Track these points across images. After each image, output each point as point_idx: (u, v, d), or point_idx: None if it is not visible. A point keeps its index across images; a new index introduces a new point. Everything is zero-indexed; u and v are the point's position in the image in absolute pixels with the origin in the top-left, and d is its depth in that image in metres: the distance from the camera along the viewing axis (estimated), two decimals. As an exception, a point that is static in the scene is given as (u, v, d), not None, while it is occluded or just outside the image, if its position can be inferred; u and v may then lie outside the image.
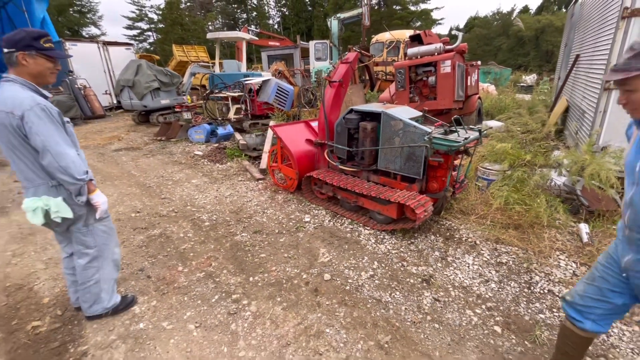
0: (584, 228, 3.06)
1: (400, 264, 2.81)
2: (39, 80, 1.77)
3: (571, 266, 2.70)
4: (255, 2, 48.07)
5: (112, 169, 5.66)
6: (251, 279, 2.67)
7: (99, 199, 1.97)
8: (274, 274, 2.72)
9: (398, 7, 33.37)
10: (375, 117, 3.63)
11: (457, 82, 5.78)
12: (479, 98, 6.77)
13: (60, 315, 2.30)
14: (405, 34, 14.55)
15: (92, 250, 2.07)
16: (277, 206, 4.00)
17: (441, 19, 39.90)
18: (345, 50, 14.14)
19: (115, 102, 12.87)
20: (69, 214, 1.86)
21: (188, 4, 44.98)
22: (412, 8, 33.03)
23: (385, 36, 14.48)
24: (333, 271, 2.72)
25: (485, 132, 3.40)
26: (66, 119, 1.87)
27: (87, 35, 35.55)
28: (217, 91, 7.84)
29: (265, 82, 7.76)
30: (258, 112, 7.68)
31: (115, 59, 12.59)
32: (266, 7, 49.22)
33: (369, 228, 3.42)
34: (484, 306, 2.32)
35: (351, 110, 3.72)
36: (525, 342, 2.01)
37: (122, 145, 7.31)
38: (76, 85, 10.56)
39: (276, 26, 46.45)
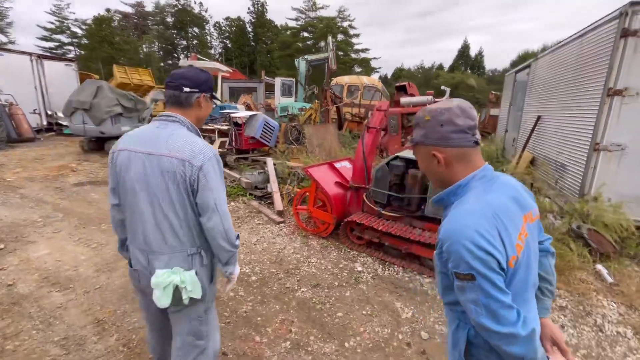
0: (603, 269, 3.54)
1: (479, 314, 2.83)
2: None
3: (613, 306, 3.06)
4: (196, 31, 47.30)
5: (87, 209, 4.68)
6: (346, 344, 2.40)
7: (238, 270, 1.60)
8: (367, 337, 2.49)
9: (341, 53, 36.38)
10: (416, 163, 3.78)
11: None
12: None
13: None
14: (363, 79, 15.85)
15: (203, 341, 1.59)
16: (318, 254, 3.75)
17: (379, 68, 44.49)
18: (311, 88, 14.67)
19: (45, 123, 10.94)
20: (198, 293, 1.42)
21: (121, 22, 42.10)
22: (354, 55, 36.28)
23: (345, 79, 15.54)
24: (424, 327, 2.61)
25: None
26: None
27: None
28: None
29: (252, 116, 7.51)
30: (244, 147, 7.32)
31: (51, 75, 10.90)
32: (208, 37, 48.77)
33: (425, 276, 3.41)
34: (578, 354, 2.45)
35: (396, 157, 3.81)
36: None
37: (81, 179, 6.14)
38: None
39: (217, 57, 46.08)
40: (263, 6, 47.47)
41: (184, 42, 46.68)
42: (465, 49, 48.79)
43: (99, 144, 8.43)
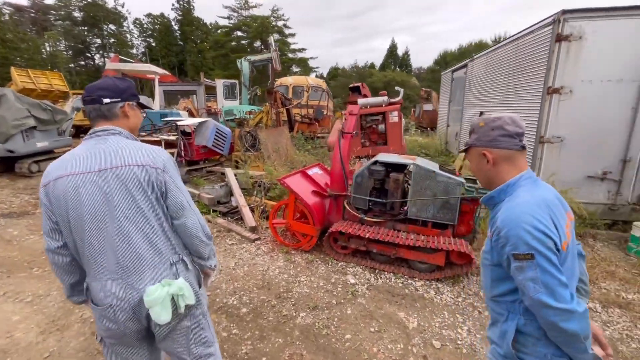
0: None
1: (476, 312, 2.91)
2: None
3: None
4: (113, 29, 42.41)
5: (7, 251, 3.75)
6: (365, 370, 2.24)
7: (217, 261, 1.58)
8: (382, 356, 2.37)
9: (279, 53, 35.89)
10: (398, 167, 3.79)
11: (402, 129, 6.65)
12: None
13: None
14: (308, 80, 15.77)
15: (213, 348, 1.51)
16: (305, 271, 3.52)
17: (317, 67, 44.87)
18: (255, 90, 14.09)
19: None
20: (192, 298, 1.33)
21: (13, 17, 35.80)
22: (291, 55, 36.07)
23: (289, 80, 15.30)
24: (434, 336, 2.59)
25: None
26: None
27: None
28: (144, 134, 6.42)
29: (201, 123, 6.89)
30: (196, 157, 6.68)
31: None
32: (128, 35, 44.13)
33: (416, 279, 3.42)
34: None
35: (376, 162, 3.75)
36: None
37: (-10, 211, 4.95)
38: None
39: (140, 57, 41.97)
40: (189, 3, 44.53)
41: (99, 41, 41.55)
42: (393, 48, 51.93)
43: (7, 165, 6.95)
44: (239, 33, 38.82)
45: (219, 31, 39.19)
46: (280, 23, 38.00)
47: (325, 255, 3.82)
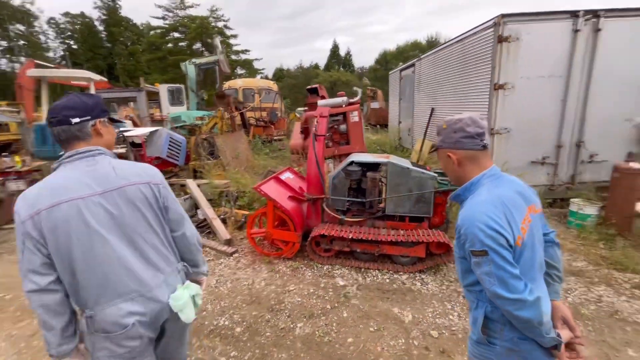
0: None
1: (460, 297, 3.10)
2: None
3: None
4: (22, 29, 37.15)
5: None
6: (375, 371, 2.26)
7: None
8: (388, 354, 2.41)
9: (220, 55, 34.52)
10: (373, 167, 3.88)
11: (363, 128, 6.83)
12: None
13: None
14: (259, 82, 15.45)
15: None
16: (292, 279, 3.43)
17: (262, 69, 43.96)
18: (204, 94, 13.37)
19: None
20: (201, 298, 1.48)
21: None
22: (235, 57, 34.94)
23: (238, 83, 14.84)
24: (430, 326, 2.70)
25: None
26: None
27: None
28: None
29: (153, 133, 6.35)
30: (149, 170, 6.14)
31: None
32: (42, 37, 39.01)
33: (401, 273, 3.53)
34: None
35: (352, 162, 3.79)
36: None
37: None
38: None
39: (60, 61, 37.38)
40: (115, 2, 40.77)
41: (4, 43, 36.12)
42: (335, 48, 53.17)
43: None
44: (176, 34, 36.54)
45: (152, 32, 36.43)
46: (220, 24, 36.55)
47: (308, 260, 3.77)
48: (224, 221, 4.49)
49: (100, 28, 40.82)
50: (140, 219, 1.27)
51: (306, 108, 7.60)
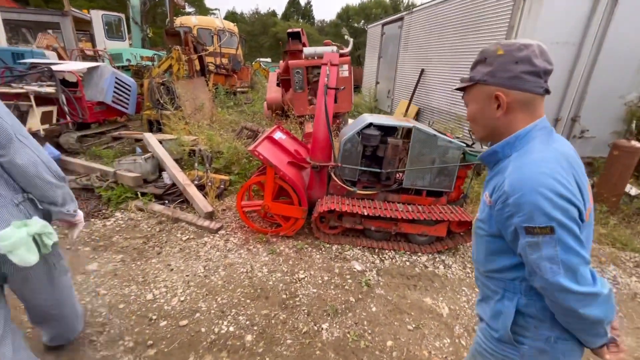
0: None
1: (488, 281, 2.83)
2: None
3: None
4: None
5: None
6: (431, 385, 1.86)
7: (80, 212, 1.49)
8: (437, 358, 2.03)
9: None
10: (392, 131, 3.29)
11: (352, 85, 6.10)
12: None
13: None
14: (216, 21, 13.35)
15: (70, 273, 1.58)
16: (299, 263, 2.84)
17: (215, 9, 38.69)
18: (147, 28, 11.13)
19: None
20: (55, 235, 1.29)
21: None
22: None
23: (192, 20, 12.66)
24: (470, 319, 2.37)
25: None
26: None
27: None
28: (-6, 83, 4.13)
29: (91, 70, 4.90)
30: (90, 119, 4.82)
31: None
32: None
33: (419, 254, 3.15)
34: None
35: (370, 125, 3.15)
36: None
37: None
38: None
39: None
40: None
41: None
42: (295, -4, 48.85)
43: None
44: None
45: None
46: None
47: (313, 239, 3.20)
48: (200, 188, 3.64)
49: None
50: None
51: (286, 56, 6.55)
